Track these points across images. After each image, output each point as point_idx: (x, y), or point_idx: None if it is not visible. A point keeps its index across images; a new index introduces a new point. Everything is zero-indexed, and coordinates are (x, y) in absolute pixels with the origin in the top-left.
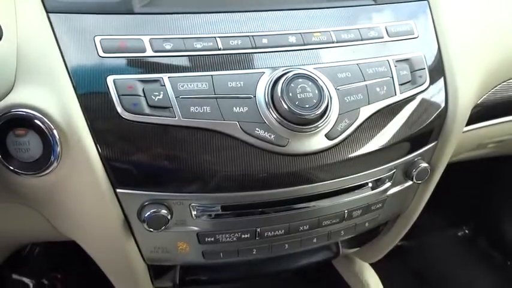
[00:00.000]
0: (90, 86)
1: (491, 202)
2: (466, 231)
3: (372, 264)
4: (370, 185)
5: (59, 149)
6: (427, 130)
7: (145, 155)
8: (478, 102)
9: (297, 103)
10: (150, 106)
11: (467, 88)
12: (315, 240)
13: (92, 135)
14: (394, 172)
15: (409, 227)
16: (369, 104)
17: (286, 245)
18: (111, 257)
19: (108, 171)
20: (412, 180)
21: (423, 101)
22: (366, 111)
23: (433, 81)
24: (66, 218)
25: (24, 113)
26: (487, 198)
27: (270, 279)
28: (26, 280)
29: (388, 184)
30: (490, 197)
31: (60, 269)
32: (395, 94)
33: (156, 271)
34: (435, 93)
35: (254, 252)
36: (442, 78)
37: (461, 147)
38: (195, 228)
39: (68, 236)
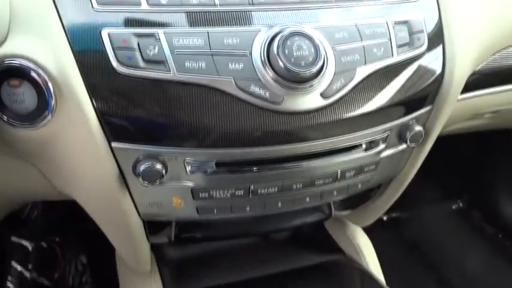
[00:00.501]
0: (85, 39)
1: (486, 176)
2: (460, 205)
3: (365, 233)
4: (363, 146)
5: (53, 101)
6: (422, 94)
7: (139, 109)
8: (476, 69)
9: (292, 61)
10: (144, 60)
11: (465, 54)
12: (307, 200)
13: (86, 88)
14: (388, 134)
15: (402, 191)
16: (365, 64)
17: (279, 203)
18: (108, 213)
19: (103, 125)
20: (406, 143)
21: (420, 64)
22: (362, 72)
23: (431, 45)
24: (61, 172)
25: (18, 64)
26: (482, 172)
27: (263, 242)
28: (25, 243)
29: (382, 146)
30: (485, 171)
31: (58, 233)
32: (393, 56)
33: (152, 227)
34: (433, 58)
35: (247, 210)
36: (440, 43)
37: (458, 115)
38: (190, 184)
39: (65, 192)
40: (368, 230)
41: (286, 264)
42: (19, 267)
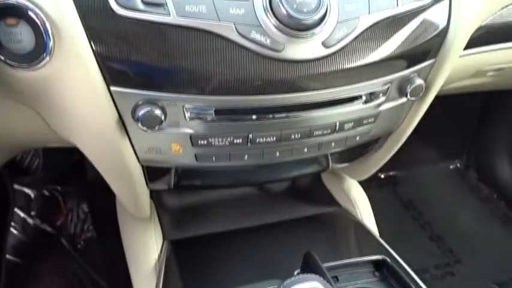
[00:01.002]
0: None
1: (485, 138)
2: (458, 165)
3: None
4: (363, 98)
5: (51, 43)
6: (425, 47)
7: (138, 53)
8: (482, 24)
9: (295, 7)
10: (144, 2)
11: (471, 7)
12: (305, 150)
13: (85, 31)
14: (388, 87)
15: (399, 146)
16: (369, 13)
17: (277, 153)
18: (107, 158)
19: (102, 69)
20: (406, 97)
21: (425, 16)
22: (365, 21)
23: None
24: (61, 117)
25: (15, 2)
26: (481, 133)
27: (261, 193)
28: (27, 191)
29: (381, 99)
30: (483, 133)
31: (60, 182)
32: (397, 6)
33: (151, 174)
34: (438, 10)
35: (246, 158)
36: None
37: (461, 72)
38: (189, 131)
39: (65, 137)
40: (365, 188)
41: (283, 214)
42: (22, 214)
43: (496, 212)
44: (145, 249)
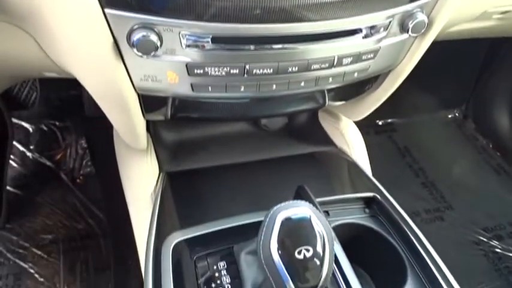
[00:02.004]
0: None
1: (485, 88)
2: (457, 114)
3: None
4: (363, 32)
5: None
6: None
7: None
8: None
9: None
10: None
11: None
12: (302, 84)
13: None
14: (390, 21)
15: (397, 85)
16: None
17: (274, 86)
18: (103, 85)
19: None
20: (407, 33)
21: None
22: None
23: None
24: (56, 42)
25: None
26: (482, 83)
27: (257, 131)
28: (26, 125)
29: (382, 34)
30: (484, 83)
31: (58, 118)
32: None
33: (148, 104)
34: None
35: (242, 90)
36: None
37: (466, 11)
38: (185, 59)
39: (59, 64)
40: (362, 134)
41: (278, 151)
42: (21, 148)
43: (490, 162)
44: (142, 181)
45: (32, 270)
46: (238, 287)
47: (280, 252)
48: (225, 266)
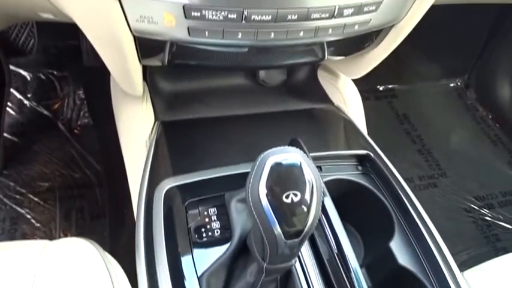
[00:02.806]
0: None
1: (489, 59)
2: (458, 84)
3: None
4: None
5: None
6: None
7: None
8: None
9: None
10: None
11: None
12: (301, 34)
13: None
14: None
15: (398, 43)
16: None
17: (272, 34)
18: (98, 25)
19: None
20: None
21: None
22: None
23: None
24: None
25: None
26: (487, 54)
27: (255, 86)
28: (24, 73)
29: None
30: (489, 54)
31: (56, 67)
32: None
33: (145, 49)
34: None
35: (239, 36)
36: None
37: None
38: (182, 0)
39: (57, 5)
40: (362, 98)
41: (275, 106)
42: (19, 95)
43: (488, 133)
44: (137, 128)
45: (28, 216)
46: (227, 232)
47: (268, 195)
48: (216, 213)
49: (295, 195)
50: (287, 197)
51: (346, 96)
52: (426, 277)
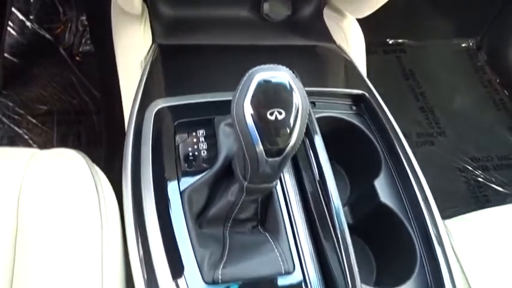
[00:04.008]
0: None
1: (505, 21)
2: (470, 44)
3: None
4: None
5: None
6: None
7: None
8: None
9: None
10: None
11: None
12: None
13: None
14: None
15: None
16: None
17: None
18: None
19: None
20: None
21: None
22: None
23: None
24: None
25: None
26: (503, 16)
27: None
28: None
29: None
30: (505, 16)
31: None
32: None
33: None
34: None
35: None
36: None
37: None
38: None
39: None
40: (370, 52)
41: (276, 40)
42: (20, 16)
43: (493, 97)
44: (134, 49)
45: (26, 136)
46: (213, 153)
47: (252, 110)
48: (204, 134)
49: (280, 113)
50: (271, 114)
51: (349, 37)
52: (406, 216)
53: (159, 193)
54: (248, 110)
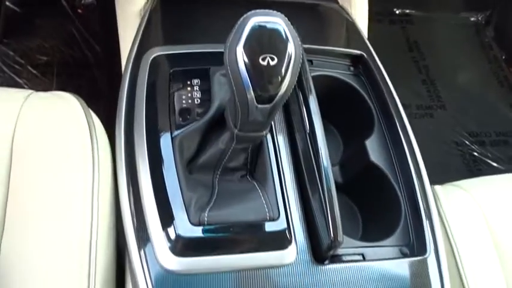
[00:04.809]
0: None
1: None
2: (479, 19)
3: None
4: None
5: None
6: None
7: None
8: None
9: None
10: None
11: None
12: None
13: None
14: None
15: None
16: None
17: None
18: None
19: None
20: None
21: None
22: None
23: None
24: None
25: None
26: None
27: None
28: None
29: None
30: None
31: None
32: None
33: None
34: None
35: None
36: None
37: None
38: None
39: None
40: (376, 21)
41: None
42: None
43: (497, 73)
44: None
45: (26, 86)
46: (207, 102)
47: (245, 56)
48: (199, 83)
49: (272, 59)
50: (264, 59)
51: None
52: (394, 176)
53: (151, 138)
54: (240, 54)
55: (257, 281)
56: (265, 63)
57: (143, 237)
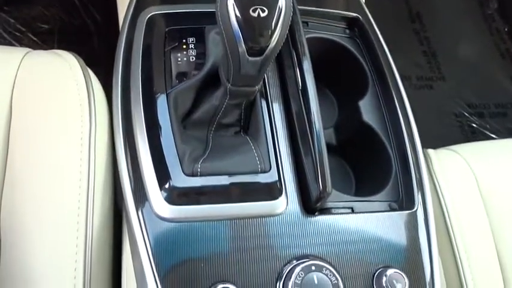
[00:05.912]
0: None
1: None
2: None
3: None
4: None
5: None
6: None
7: None
8: None
9: None
10: None
11: None
12: None
13: None
14: None
15: None
16: None
17: None
18: None
19: None
20: None
21: None
22: None
23: None
24: None
25: None
26: None
27: None
28: None
29: None
30: None
31: None
32: None
33: None
34: None
35: None
36: None
37: None
38: None
39: None
40: None
41: None
42: None
43: (499, 46)
44: None
45: None
46: (201, 59)
47: (235, 8)
48: (194, 42)
49: (263, 10)
50: (254, 10)
51: None
52: (386, 136)
53: (146, 94)
54: (232, 6)
55: (248, 229)
56: (255, 14)
57: (139, 188)
